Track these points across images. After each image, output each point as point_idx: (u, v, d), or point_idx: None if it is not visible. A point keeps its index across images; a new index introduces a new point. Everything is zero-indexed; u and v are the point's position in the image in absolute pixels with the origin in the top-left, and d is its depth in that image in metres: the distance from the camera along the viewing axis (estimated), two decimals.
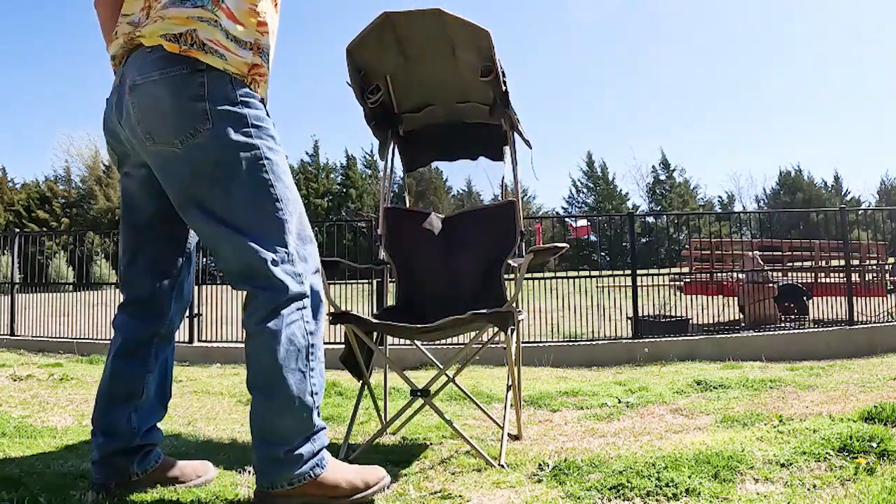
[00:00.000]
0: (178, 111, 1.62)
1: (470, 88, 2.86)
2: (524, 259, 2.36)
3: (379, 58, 2.70)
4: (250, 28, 1.72)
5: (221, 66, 1.65)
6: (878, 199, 38.19)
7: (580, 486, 1.84)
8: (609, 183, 39.69)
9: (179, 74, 1.62)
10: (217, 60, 1.64)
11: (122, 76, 1.70)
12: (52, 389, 3.92)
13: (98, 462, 1.79)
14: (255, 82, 1.73)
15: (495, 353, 4.84)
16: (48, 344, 6.90)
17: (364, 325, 2.36)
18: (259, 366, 1.65)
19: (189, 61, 1.62)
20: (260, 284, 1.64)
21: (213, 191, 1.65)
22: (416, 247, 2.93)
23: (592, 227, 11.03)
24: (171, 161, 1.66)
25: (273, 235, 1.67)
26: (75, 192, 33.43)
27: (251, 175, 1.66)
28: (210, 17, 1.66)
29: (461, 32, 2.56)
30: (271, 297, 1.64)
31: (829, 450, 1.99)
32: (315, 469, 1.67)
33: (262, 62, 1.74)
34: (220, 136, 1.63)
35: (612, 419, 3.01)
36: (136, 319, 1.87)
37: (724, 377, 3.98)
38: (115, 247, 10.73)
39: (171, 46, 1.62)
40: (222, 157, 1.64)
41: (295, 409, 1.64)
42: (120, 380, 1.82)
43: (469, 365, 4.90)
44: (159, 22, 1.66)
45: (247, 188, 1.65)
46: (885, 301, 7.58)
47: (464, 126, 3.07)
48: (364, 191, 38.07)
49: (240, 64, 1.68)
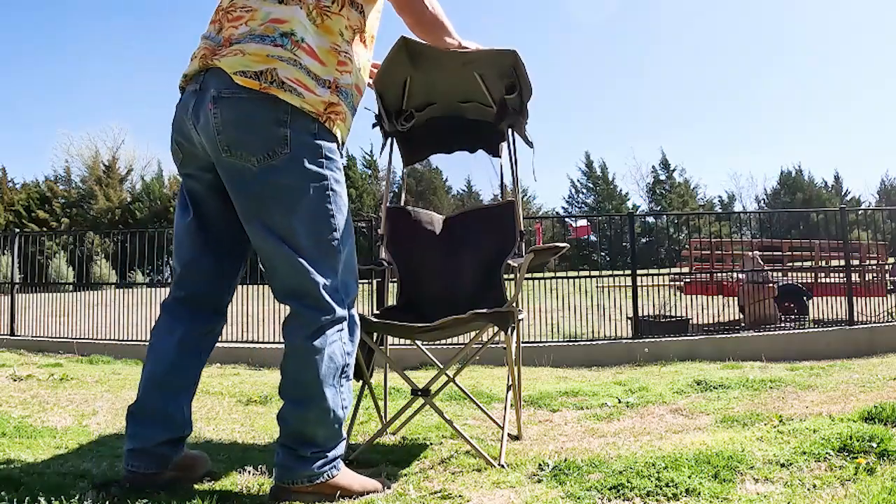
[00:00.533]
0: (261, 131, 1.70)
1: (474, 92, 2.85)
2: (524, 259, 2.36)
3: (395, 78, 2.71)
4: (330, 66, 1.79)
5: (298, 104, 1.72)
6: (878, 199, 38.18)
7: (580, 486, 1.84)
8: (609, 183, 39.69)
9: (267, 97, 1.70)
10: (295, 98, 1.71)
11: (205, 84, 1.76)
12: (52, 389, 3.93)
13: (141, 451, 1.80)
14: (330, 120, 1.79)
15: (495, 353, 4.84)
16: (48, 344, 6.90)
17: (365, 324, 2.36)
18: (299, 378, 1.77)
19: (270, 98, 1.70)
20: (308, 304, 1.75)
21: (278, 210, 1.74)
22: (417, 247, 2.93)
23: (592, 227, 11.04)
24: (244, 175, 1.74)
25: (326, 262, 1.78)
26: (75, 192, 33.40)
27: (316, 203, 1.76)
28: (290, 57, 1.73)
29: (482, 61, 2.56)
30: (317, 316, 1.75)
31: (829, 450, 1.99)
32: (332, 471, 1.80)
33: (339, 101, 1.81)
34: (295, 162, 1.72)
35: (612, 419, 3.01)
36: (195, 314, 1.92)
37: (724, 377, 3.98)
38: (115, 247, 10.75)
39: (250, 83, 1.70)
40: (294, 182, 1.73)
41: (329, 421, 1.78)
42: (180, 371, 1.88)
43: (469, 365, 4.91)
44: (239, 56, 1.73)
45: (310, 214, 1.76)
46: (885, 301, 7.58)
47: (463, 120, 3.06)
48: (364, 191, 38.05)
49: (316, 102, 1.75)
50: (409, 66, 2.60)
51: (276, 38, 1.74)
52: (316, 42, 1.77)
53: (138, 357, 6.08)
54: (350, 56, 1.83)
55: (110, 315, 7.27)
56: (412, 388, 2.30)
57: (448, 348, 5.48)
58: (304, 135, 1.73)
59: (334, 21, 1.81)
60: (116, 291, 8.27)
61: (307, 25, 1.77)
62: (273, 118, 1.70)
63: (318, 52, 1.77)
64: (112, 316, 7.25)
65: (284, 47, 1.73)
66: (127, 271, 9.18)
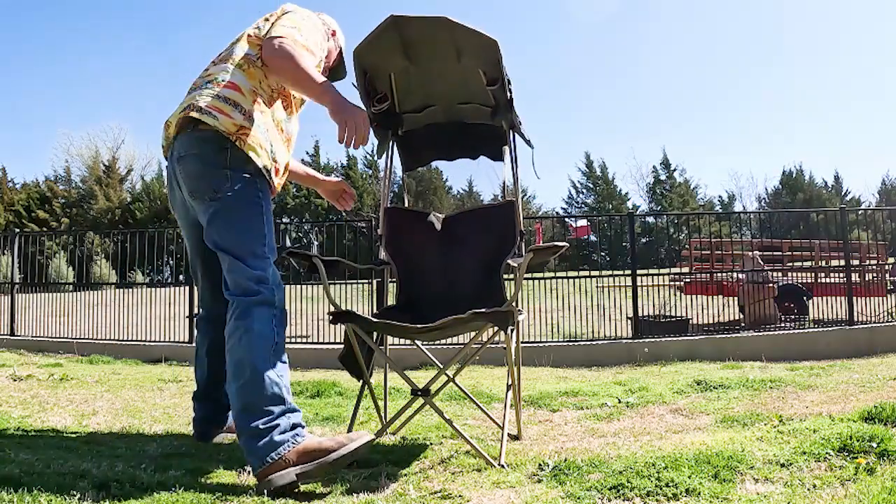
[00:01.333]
0: (208, 177, 2.11)
1: (472, 91, 2.86)
2: (524, 258, 2.36)
3: (384, 60, 2.70)
4: (248, 99, 2.16)
5: (212, 124, 2.08)
6: (878, 199, 38.16)
7: (580, 486, 1.84)
8: (609, 183, 39.65)
9: (198, 136, 2.12)
10: (210, 119, 2.08)
11: (173, 149, 2.22)
12: (52, 389, 3.93)
13: (202, 419, 2.55)
14: (240, 140, 2.11)
15: (495, 353, 4.84)
16: (48, 344, 6.90)
17: (364, 324, 2.37)
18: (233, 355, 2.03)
19: (199, 136, 2.11)
20: (244, 293, 2.07)
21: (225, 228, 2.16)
22: (417, 247, 2.93)
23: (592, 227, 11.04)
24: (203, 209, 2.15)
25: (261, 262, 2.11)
26: (75, 192, 33.39)
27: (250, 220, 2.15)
28: (209, 92, 2.15)
29: (468, 41, 2.55)
30: (249, 301, 2.06)
31: (829, 450, 1.99)
32: (296, 438, 1.95)
33: (250, 126, 2.13)
34: (236, 195, 2.11)
35: (612, 419, 3.01)
36: (215, 328, 2.37)
37: (724, 377, 3.98)
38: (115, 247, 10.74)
39: (176, 118, 2.17)
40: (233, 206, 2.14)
41: (266, 385, 1.96)
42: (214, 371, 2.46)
43: (469, 365, 4.90)
44: (178, 107, 2.23)
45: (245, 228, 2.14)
46: (885, 301, 7.58)
47: (463, 126, 3.05)
48: (364, 191, 38.03)
49: (228, 124, 2.09)
50: (399, 51, 2.60)
51: (202, 85, 2.18)
52: (239, 80, 2.16)
53: (138, 357, 6.09)
54: (267, 104, 2.22)
55: (110, 315, 7.27)
56: (412, 388, 2.30)
57: (448, 348, 5.48)
58: (240, 172, 2.10)
59: (258, 71, 2.19)
60: (116, 291, 8.28)
61: (231, 70, 2.17)
62: (214, 162, 2.08)
63: (240, 87, 2.15)
64: (112, 316, 7.25)
65: (207, 88, 2.16)
66: (127, 271, 9.19)
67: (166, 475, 1.99)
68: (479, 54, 2.61)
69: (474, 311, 2.16)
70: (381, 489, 1.91)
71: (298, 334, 6.74)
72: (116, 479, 1.87)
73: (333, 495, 1.87)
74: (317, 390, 3.80)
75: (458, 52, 2.64)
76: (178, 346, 6.39)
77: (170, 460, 2.22)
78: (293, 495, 1.86)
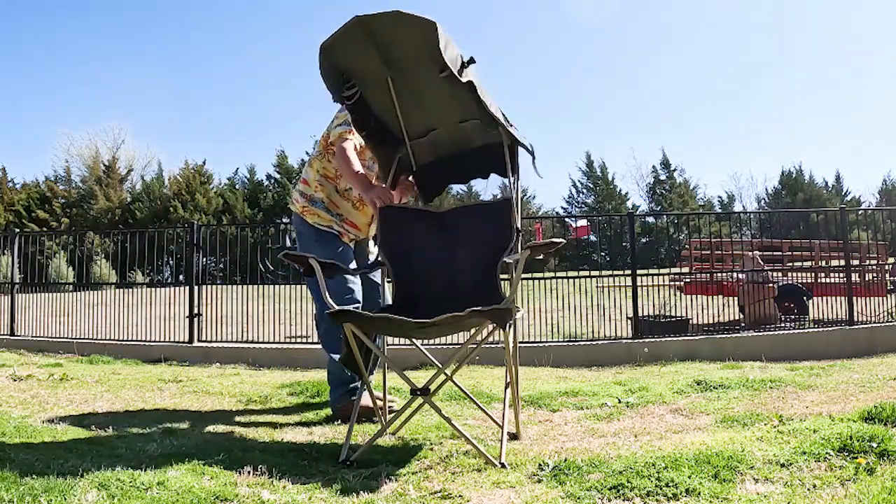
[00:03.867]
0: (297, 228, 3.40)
1: (464, 105, 2.83)
2: (521, 255, 2.35)
3: (357, 59, 2.70)
4: (311, 187, 3.33)
5: (294, 210, 3.39)
6: (878, 199, 38.13)
7: (580, 486, 1.84)
8: (609, 183, 39.61)
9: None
10: (293, 205, 3.40)
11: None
12: (52, 389, 3.93)
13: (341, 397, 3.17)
14: (305, 213, 3.29)
15: (495, 353, 4.84)
16: (48, 344, 6.89)
17: (362, 320, 2.36)
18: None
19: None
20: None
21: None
22: (412, 245, 2.93)
23: (592, 227, 11.04)
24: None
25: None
26: (75, 192, 33.35)
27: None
28: (297, 189, 3.41)
29: (414, 30, 2.47)
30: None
31: (829, 450, 1.99)
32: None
33: (311, 205, 3.29)
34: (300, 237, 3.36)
35: (612, 419, 3.01)
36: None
37: (724, 377, 3.98)
38: (115, 247, 10.74)
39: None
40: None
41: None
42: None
43: (469, 365, 4.90)
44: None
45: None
46: (885, 301, 7.57)
47: (471, 150, 3.10)
48: None
49: (298, 207, 3.34)
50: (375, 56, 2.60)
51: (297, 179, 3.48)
52: (306, 174, 3.39)
53: (138, 357, 6.08)
54: (322, 185, 3.30)
55: (110, 315, 7.26)
56: (411, 387, 2.29)
57: (447, 348, 5.48)
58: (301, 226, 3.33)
59: (317, 162, 3.33)
60: (116, 291, 8.27)
61: (307, 169, 3.40)
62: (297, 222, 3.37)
63: (307, 180, 3.36)
64: (112, 316, 7.24)
65: (296, 183, 3.51)
66: (127, 271, 9.19)
67: (166, 475, 1.99)
68: (426, 42, 2.45)
69: (472, 309, 2.16)
70: (381, 489, 1.91)
71: (298, 334, 6.74)
72: (116, 479, 1.86)
73: (333, 495, 1.87)
74: (317, 390, 3.80)
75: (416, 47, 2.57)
76: (178, 346, 6.38)
77: (170, 460, 2.22)
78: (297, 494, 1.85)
